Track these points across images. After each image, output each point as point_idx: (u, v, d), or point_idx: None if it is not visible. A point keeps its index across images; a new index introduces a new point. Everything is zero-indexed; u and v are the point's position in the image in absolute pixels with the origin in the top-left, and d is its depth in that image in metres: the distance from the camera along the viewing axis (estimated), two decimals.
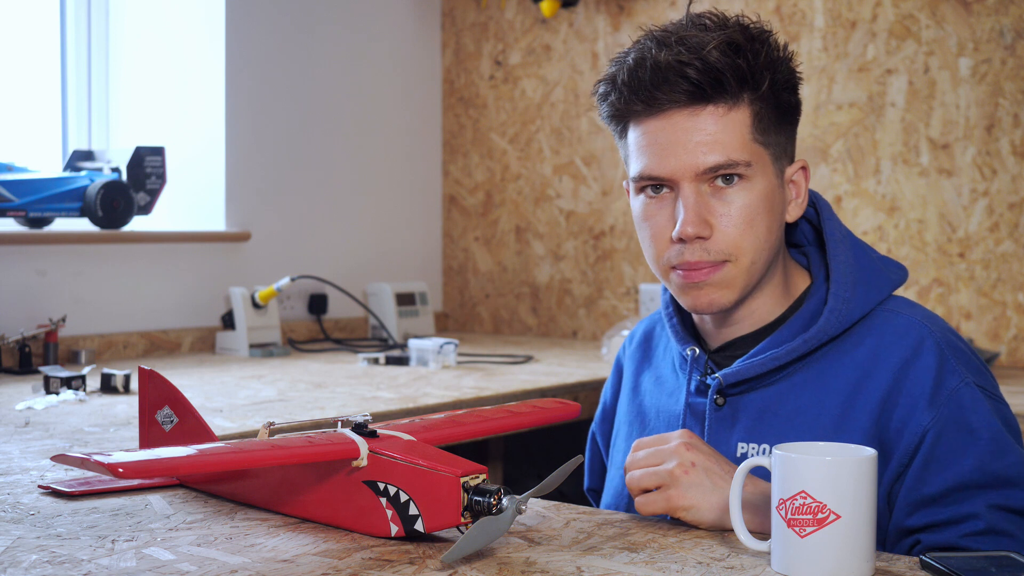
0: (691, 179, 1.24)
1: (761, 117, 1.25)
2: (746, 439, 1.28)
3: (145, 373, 1.37)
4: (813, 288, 1.31)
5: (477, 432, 1.33)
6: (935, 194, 2.81)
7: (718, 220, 1.24)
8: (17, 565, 1.02)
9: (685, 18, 1.28)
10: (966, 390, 1.20)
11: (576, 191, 3.40)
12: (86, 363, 2.62)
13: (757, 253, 1.26)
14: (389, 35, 3.52)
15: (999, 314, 2.74)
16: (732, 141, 1.23)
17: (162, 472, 1.07)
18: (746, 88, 1.24)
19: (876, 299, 1.28)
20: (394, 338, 3.17)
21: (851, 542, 1.00)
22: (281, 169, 3.20)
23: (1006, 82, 2.71)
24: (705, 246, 1.25)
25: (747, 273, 1.26)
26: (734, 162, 1.23)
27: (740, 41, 1.23)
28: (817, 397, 1.25)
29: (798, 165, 1.31)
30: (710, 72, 1.21)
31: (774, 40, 1.27)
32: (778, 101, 1.26)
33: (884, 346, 1.25)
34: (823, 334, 1.26)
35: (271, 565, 1.03)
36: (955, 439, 1.18)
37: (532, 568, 1.02)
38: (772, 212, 1.26)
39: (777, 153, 1.28)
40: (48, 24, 3.03)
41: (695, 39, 1.23)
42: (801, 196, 1.32)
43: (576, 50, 3.39)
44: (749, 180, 1.25)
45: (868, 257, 1.32)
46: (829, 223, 1.33)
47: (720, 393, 1.30)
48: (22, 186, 2.62)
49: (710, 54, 1.21)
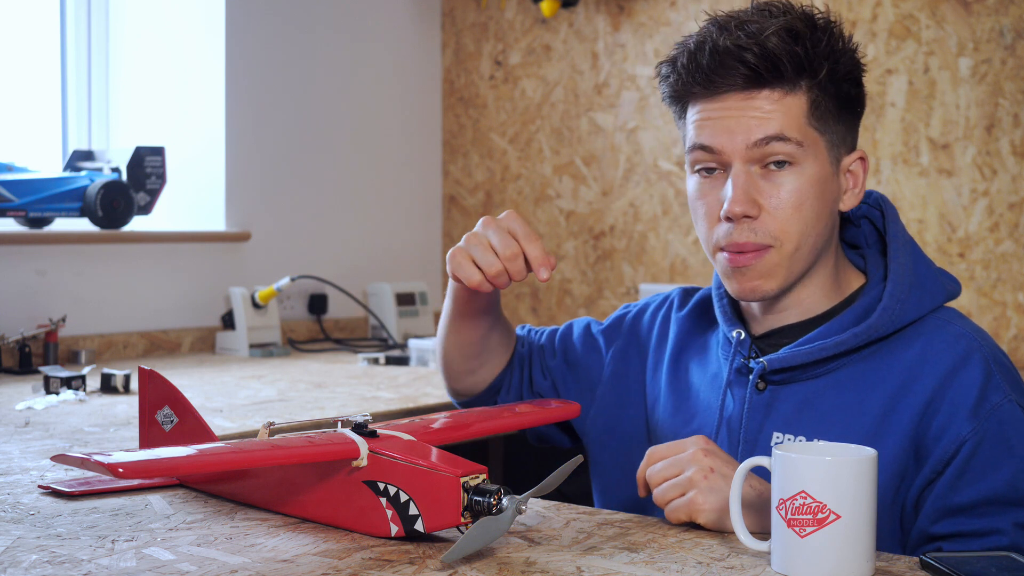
0: (742, 158, 1.25)
1: (818, 104, 1.26)
2: (783, 429, 1.28)
3: (145, 373, 1.37)
4: (868, 287, 1.31)
5: (477, 432, 1.33)
6: (935, 194, 2.81)
7: (767, 201, 1.25)
8: (17, 565, 1.02)
9: (751, 4, 1.29)
10: (1008, 407, 1.20)
11: (576, 191, 3.40)
12: (86, 363, 2.62)
13: (803, 238, 1.26)
14: (389, 35, 3.52)
15: (999, 314, 2.74)
16: (786, 120, 1.24)
17: (162, 472, 1.07)
18: (803, 75, 1.24)
19: (930, 305, 1.28)
20: (394, 338, 3.17)
21: (851, 542, 1.00)
22: (281, 169, 3.20)
23: (1006, 82, 2.71)
24: (752, 226, 1.25)
25: (790, 259, 1.27)
26: (785, 136, 1.24)
27: (800, 28, 1.24)
28: (860, 396, 1.25)
29: (857, 155, 1.31)
30: (767, 57, 1.23)
31: (838, 30, 1.27)
32: (838, 90, 1.27)
33: (933, 352, 1.25)
34: (873, 331, 1.26)
35: (271, 565, 1.03)
36: (992, 453, 1.18)
37: (532, 568, 1.02)
38: (822, 199, 1.27)
39: (834, 141, 1.28)
40: (48, 24, 3.03)
41: (755, 25, 1.24)
42: (858, 186, 1.32)
43: (576, 50, 3.39)
44: (800, 164, 1.25)
45: (927, 265, 1.32)
46: (894, 226, 1.34)
47: (762, 379, 1.30)
48: (22, 186, 2.62)
49: (768, 40, 1.23)
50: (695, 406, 1.39)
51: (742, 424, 1.30)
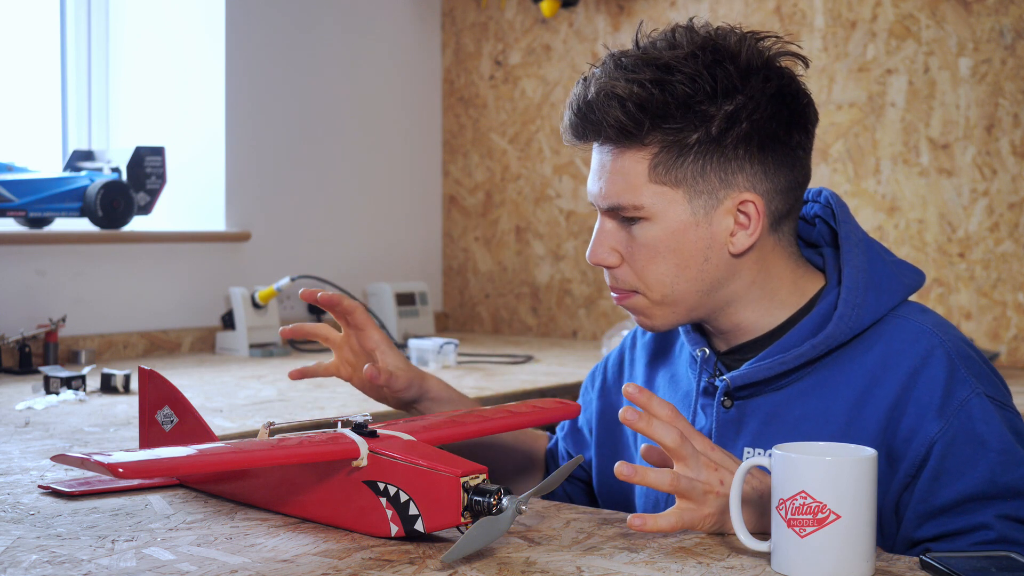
0: (603, 211, 1.29)
1: (665, 157, 1.23)
2: (752, 444, 1.27)
3: (145, 373, 1.37)
4: (826, 290, 1.29)
5: (477, 432, 1.33)
6: (935, 194, 2.81)
7: (624, 251, 1.29)
8: (17, 565, 1.02)
9: (634, 39, 1.28)
10: (976, 400, 1.19)
11: (576, 191, 3.40)
12: (86, 363, 2.62)
13: (667, 287, 1.27)
14: (389, 35, 3.52)
15: (999, 314, 2.74)
16: (626, 184, 1.25)
17: (162, 472, 1.07)
18: (645, 131, 1.23)
19: (888, 305, 1.26)
20: (394, 338, 3.17)
21: (851, 542, 1.00)
22: (281, 169, 3.20)
23: (1006, 82, 2.71)
24: (614, 274, 1.30)
25: (663, 304, 1.28)
26: (623, 206, 1.26)
27: (648, 80, 1.21)
28: (824, 403, 1.24)
29: (747, 198, 1.24)
30: (607, 120, 1.23)
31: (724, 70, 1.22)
32: (720, 136, 1.22)
33: (893, 353, 1.23)
34: (832, 340, 1.24)
35: (271, 565, 1.03)
36: (965, 451, 1.17)
37: (532, 568, 1.02)
38: (685, 248, 1.25)
39: (704, 189, 1.24)
40: (48, 24, 3.03)
41: (608, 84, 1.23)
42: (752, 228, 1.25)
43: (576, 50, 3.39)
44: (650, 220, 1.26)
45: (883, 261, 1.30)
46: (845, 226, 1.31)
47: (728, 396, 1.30)
48: (22, 186, 2.62)
49: (608, 103, 1.23)
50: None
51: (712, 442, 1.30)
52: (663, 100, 1.21)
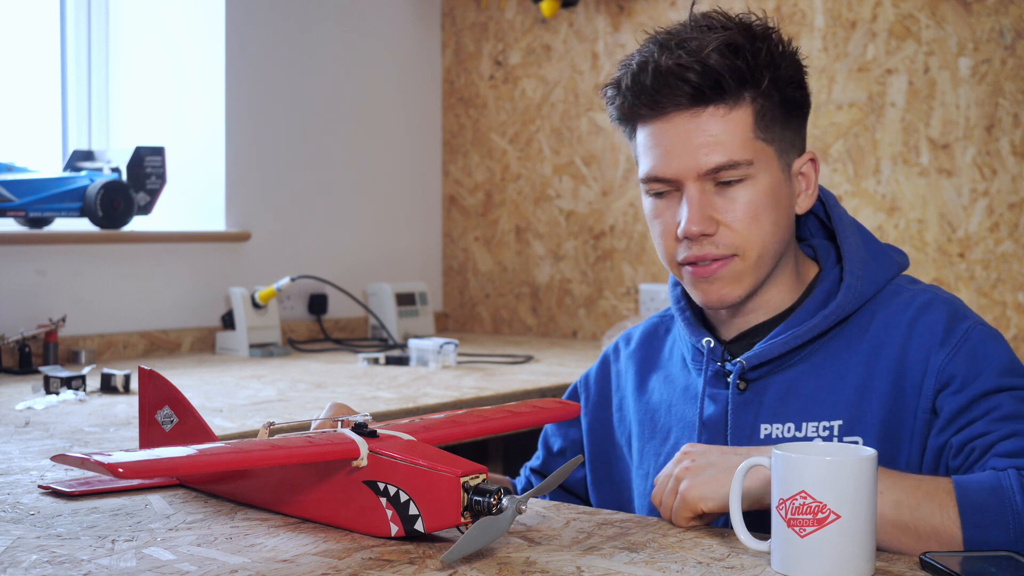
0: (694, 179, 1.27)
1: (763, 115, 1.28)
2: (770, 420, 1.30)
3: (145, 373, 1.37)
4: (823, 274, 1.35)
5: (477, 432, 1.33)
6: (935, 194, 2.81)
7: (723, 216, 1.28)
8: (17, 565, 1.02)
9: (688, 19, 1.30)
10: (979, 328, 1.26)
11: (576, 191, 3.40)
12: (86, 363, 2.62)
13: (764, 247, 1.29)
14: (389, 35, 3.52)
15: (999, 314, 2.74)
16: (733, 141, 1.26)
17: (162, 472, 1.07)
18: (747, 87, 1.26)
19: (886, 276, 1.33)
20: (394, 338, 3.17)
21: (851, 542, 1.00)
22: (281, 169, 3.20)
23: (1006, 82, 2.71)
24: (713, 241, 1.28)
25: (755, 267, 1.30)
26: (735, 162, 1.26)
27: (739, 42, 1.26)
28: (837, 373, 1.28)
29: (807, 157, 1.34)
30: (709, 75, 1.24)
31: (776, 36, 1.30)
32: (782, 97, 1.29)
33: (893, 314, 1.29)
34: (841, 309, 1.29)
35: (271, 565, 1.03)
36: (973, 366, 1.23)
37: (532, 568, 1.03)
38: (778, 207, 1.30)
39: (784, 147, 1.31)
40: (48, 24, 3.03)
41: (695, 42, 1.25)
42: (811, 188, 1.35)
43: (576, 50, 3.39)
44: (753, 177, 1.28)
45: (875, 242, 1.37)
46: (836, 211, 1.38)
47: (742, 378, 1.32)
48: (22, 186, 2.62)
49: (709, 57, 1.24)
50: (669, 422, 1.40)
51: (728, 425, 1.32)
52: (767, 52, 1.27)
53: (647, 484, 1.42)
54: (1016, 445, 1.14)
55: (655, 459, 1.41)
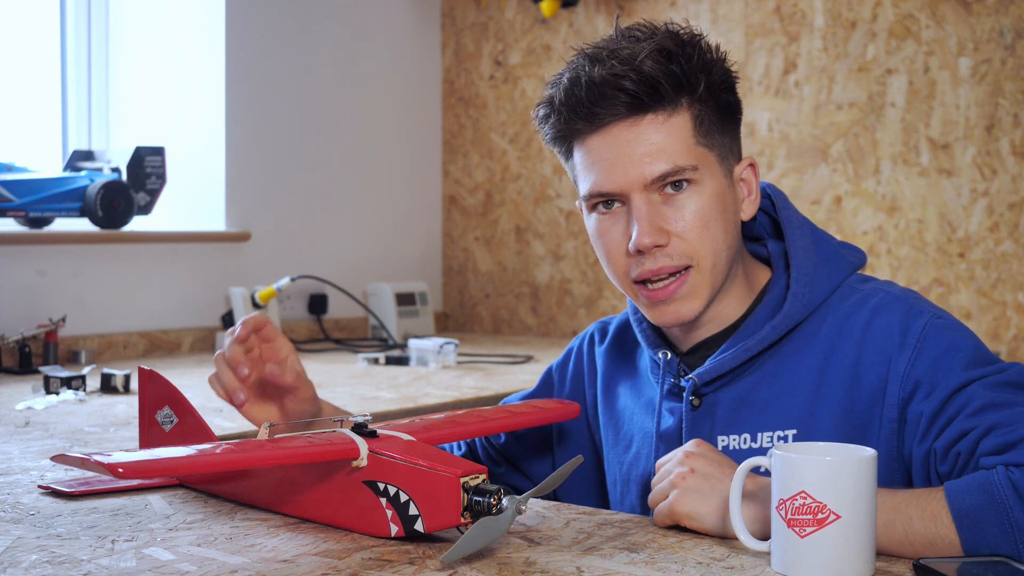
0: (640, 190, 1.25)
1: (702, 120, 1.26)
2: (726, 431, 1.28)
3: (145, 373, 1.37)
4: (774, 280, 1.32)
5: (477, 432, 1.33)
6: (935, 194, 2.81)
7: (673, 226, 1.25)
8: (17, 565, 1.02)
9: (615, 32, 1.29)
10: (935, 322, 1.22)
11: (576, 191, 3.40)
12: (86, 363, 2.62)
13: (717, 255, 1.26)
14: (389, 35, 3.52)
15: (999, 314, 2.74)
16: (676, 147, 1.24)
17: (162, 472, 1.07)
18: (683, 93, 1.24)
19: (838, 279, 1.30)
20: (394, 338, 3.17)
21: (851, 542, 1.00)
22: (281, 169, 3.20)
23: (1006, 82, 2.71)
24: (666, 252, 1.25)
25: (710, 277, 1.27)
26: (681, 167, 1.24)
27: (671, 47, 1.24)
28: (789, 380, 1.26)
29: (746, 163, 1.32)
30: (645, 81, 1.23)
31: (706, 43, 1.28)
32: (717, 103, 1.27)
33: (845, 317, 1.26)
34: (790, 319, 1.27)
35: (271, 565, 1.03)
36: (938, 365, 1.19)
37: (532, 568, 1.02)
38: (725, 213, 1.27)
39: (723, 153, 1.28)
40: (48, 24, 3.03)
41: (627, 51, 1.24)
42: (753, 193, 1.32)
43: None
44: (698, 184, 1.25)
45: (827, 242, 1.33)
46: (785, 211, 1.34)
47: (695, 394, 1.30)
48: (22, 186, 2.62)
49: (643, 64, 1.23)
50: (631, 431, 1.39)
51: (683, 439, 1.30)
52: (700, 58, 1.25)
53: (616, 491, 1.41)
54: (998, 440, 1.12)
55: (619, 467, 1.40)
